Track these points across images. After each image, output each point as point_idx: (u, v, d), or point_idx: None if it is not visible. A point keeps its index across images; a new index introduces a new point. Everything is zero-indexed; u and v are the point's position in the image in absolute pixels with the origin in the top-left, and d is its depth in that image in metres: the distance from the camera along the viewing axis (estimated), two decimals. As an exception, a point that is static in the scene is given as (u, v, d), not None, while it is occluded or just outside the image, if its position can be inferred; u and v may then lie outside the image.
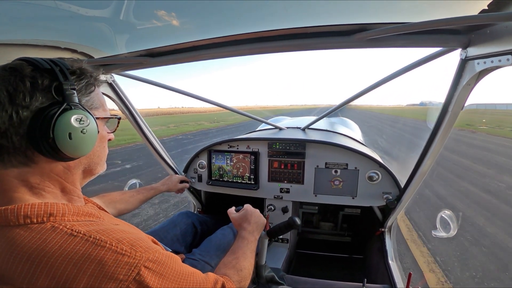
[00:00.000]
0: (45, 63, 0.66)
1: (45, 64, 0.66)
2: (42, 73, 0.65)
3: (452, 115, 1.23)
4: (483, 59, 0.97)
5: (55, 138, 0.64)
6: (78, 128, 0.67)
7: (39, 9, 0.97)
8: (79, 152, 0.69)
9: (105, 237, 0.63)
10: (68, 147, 0.66)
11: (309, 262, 2.57)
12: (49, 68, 0.66)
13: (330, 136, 2.47)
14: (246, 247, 1.15)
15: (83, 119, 0.68)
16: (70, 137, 0.66)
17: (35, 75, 0.63)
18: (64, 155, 0.67)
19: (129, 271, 0.60)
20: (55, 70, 0.66)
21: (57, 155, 0.66)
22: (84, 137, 0.69)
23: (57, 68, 0.66)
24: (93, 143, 0.73)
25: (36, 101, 0.63)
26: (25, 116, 0.62)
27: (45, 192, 0.70)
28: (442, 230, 1.57)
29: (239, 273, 0.99)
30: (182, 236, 1.78)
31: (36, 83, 0.63)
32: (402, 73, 1.45)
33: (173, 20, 1.14)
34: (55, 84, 0.65)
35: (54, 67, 0.66)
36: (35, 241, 0.60)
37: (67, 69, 0.69)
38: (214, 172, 2.34)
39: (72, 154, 0.68)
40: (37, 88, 0.63)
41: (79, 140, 0.68)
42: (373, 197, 1.99)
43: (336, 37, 1.15)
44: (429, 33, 1.05)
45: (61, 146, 0.65)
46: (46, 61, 0.67)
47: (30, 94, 0.62)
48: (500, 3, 0.79)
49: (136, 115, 1.94)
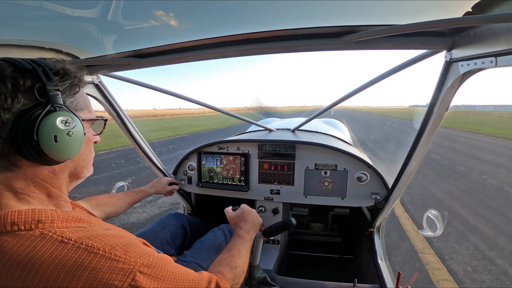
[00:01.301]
0: (26, 63, 0.64)
1: (27, 65, 0.63)
2: (24, 73, 0.62)
3: (437, 116, 1.26)
4: (467, 61, 0.99)
5: (39, 141, 0.62)
6: (64, 130, 0.65)
7: (23, 9, 0.94)
8: (65, 155, 0.67)
9: (98, 243, 0.62)
10: (54, 150, 0.64)
11: (300, 263, 2.58)
12: (31, 69, 0.63)
13: (320, 138, 2.49)
14: (241, 246, 1.15)
15: (68, 121, 0.66)
16: (56, 139, 0.64)
17: (16, 76, 0.61)
18: (49, 158, 0.65)
19: (124, 277, 0.60)
20: (37, 71, 0.64)
21: (42, 158, 0.64)
22: (71, 140, 0.67)
23: (39, 69, 0.64)
24: (79, 146, 0.71)
25: (18, 102, 0.60)
26: (7, 119, 0.60)
27: (31, 197, 0.68)
28: (429, 229, 1.61)
29: (233, 271, 0.99)
30: (172, 238, 1.76)
31: (17, 84, 0.61)
32: (390, 74, 1.47)
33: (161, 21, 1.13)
34: (38, 85, 0.63)
35: (36, 67, 0.64)
36: (24, 248, 0.58)
37: (50, 69, 0.67)
38: (204, 174, 2.33)
39: (57, 157, 0.66)
40: (19, 89, 0.61)
41: (65, 142, 0.66)
42: (362, 198, 2.01)
43: (324, 39, 1.15)
44: (415, 36, 1.06)
45: (46, 149, 0.63)
46: (28, 62, 0.64)
47: (12, 96, 0.60)
48: (484, 5, 0.81)
49: (123, 117, 1.91)
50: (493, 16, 0.74)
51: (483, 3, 0.80)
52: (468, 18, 0.77)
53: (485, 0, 0.79)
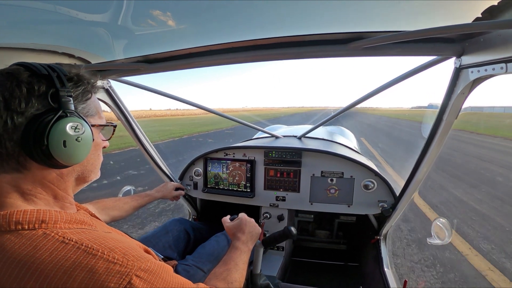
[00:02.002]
0: (42, 68, 0.65)
1: (43, 70, 0.65)
2: (39, 78, 0.64)
3: (447, 124, 1.24)
4: (477, 68, 0.98)
5: (49, 145, 0.63)
6: (73, 136, 0.67)
7: (38, 13, 0.97)
8: (73, 160, 0.69)
9: (97, 245, 0.62)
10: (62, 155, 0.66)
11: (304, 270, 2.54)
12: (46, 74, 0.65)
13: (326, 145, 2.48)
14: (238, 258, 1.12)
15: (78, 127, 0.68)
16: (65, 145, 0.65)
17: (31, 81, 0.63)
18: (57, 162, 0.66)
19: (120, 279, 0.59)
20: (52, 76, 0.65)
21: (51, 162, 0.66)
22: (79, 145, 0.68)
23: (54, 74, 0.66)
24: (87, 151, 0.73)
25: (31, 107, 0.62)
26: (20, 122, 0.61)
27: (37, 198, 0.69)
28: (437, 237, 1.57)
29: (229, 286, 0.97)
30: (175, 243, 1.76)
31: (32, 89, 0.62)
32: (398, 81, 1.46)
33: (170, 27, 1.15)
34: (52, 90, 0.65)
35: (51, 73, 0.66)
36: (26, 247, 0.59)
37: (64, 75, 0.69)
38: (210, 180, 2.33)
39: (66, 162, 0.67)
40: (33, 94, 0.63)
41: (73, 148, 0.67)
42: (368, 205, 1.99)
43: (332, 46, 1.16)
44: (423, 42, 1.06)
45: (55, 154, 0.64)
46: (44, 67, 0.66)
47: (26, 100, 0.62)
48: (494, 11, 0.80)
49: (132, 122, 1.94)
50: (503, 21, 0.73)
51: (493, 8, 0.79)
52: (478, 24, 0.76)
53: (495, 6, 0.78)
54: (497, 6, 0.78)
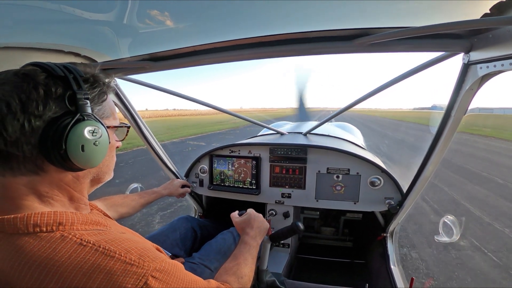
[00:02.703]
0: (58, 69, 0.64)
1: (59, 71, 0.64)
2: (56, 80, 0.63)
3: (455, 120, 1.23)
4: (486, 64, 0.96)
5: (67, 149, 0.63)
6: (91, 140, 0.66)
7: (43, 13, 0.97)
8: (91, 163, 0.69)
9: (114, 247, 0.63)
10: (80, 159, 0.66)
11: (310, 267, 2.55)
12: (62, 76, 0.64)
13: (332, 141, 2.47)
14: (247, 253, 1.14)
15: (96, 131, 0.68)
16: (83, 149, 0.65)
17: (48, 83, 0.62)
18: (75, 166, 0.66)
19: (137, 280, 0.60)
20: (68, 78, 0.64)
21: (68, 166, 0.66)
22: (96, 149, 0.68)
23: (70, 76, 0.65)
24: (104, 154, 0.73)
25: (49, 110, 0.61)
26: (37, 126, 0.60)
27: (54, 200, 0.70)
28: (445, 235, 1.56)
29: (239, 280, 0.98)
30: (182, 241, 1.78)
31: (49, 92, 0.61)
32: (405, 77, 1.44)
33: (175, 25, 1.15)
34: (69, 93, 0.64)
35: (67, 74, 0.65)
36: (45, 250, 0.59)
37: (80, 76, 0.68)
38: (215, 177, 2.34)
39: (83, 165, 0.68)
40: (51, 97, 0.62)
41: (91, 152, 0.67)
42: (375, 202, 1.97)
43: (337, 42, 1.15)
44: (431, 38, 1.04)
45: (73, 158, 0.64)
46: (60, 68, 0.65)
47: (43, 103, 0.60)
48: (502, 7, 0.79)
49: (138, 120, 1.95)
50: None
51: (501, 4, 0.78)
52: (487, 20, 0.75)
53: (504, 2, 0.77)
54: (506, 2, 0.76)
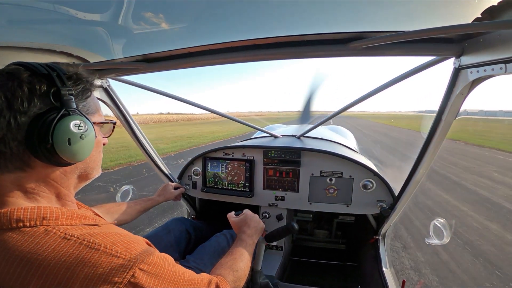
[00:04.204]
0: (42, 68, 0.66)
1: (42, 69, 0.66)
2: (40, 78, 0.65)
3: (446, 124, 1.25)
4: (476, 68, 0.98)
5: (54, 143, 0.64)
6: (77, 133, 0.68)
7: (36, 12, 0.96)
8: (78, 157, 0.70)
9: (99, 239, 0.63)
10: (67, 153, 0.67)
11: (303, 270, 2.55)
12: (46, 74, 0.66)
13: (325, 145, 2.48)
14: (244, 250, 1.16)
15: (81, 125, 0.69)
16: (69, 142, 0.66)
17: (32, 81, 0.63)
18: (62, 160, 0.67)
19: (123, 273, 0.60)
20: (52, 75, 0.66)
21: (55, 160, 0.67)
22: (83, 143, 0.70)
23: (54, 73, 0.67)
24: (91, 148, 0.74)
25: (34, 106, 0.63)
26: (23, 122, 0.62)
27: (40, 197, 0.70)
28: (435, 237, 1.58)
29: (234, 273, 0.99)
30: (176, 243, 1.76)
31: (34, 89, 0.63)
32: (397, 81, 1.46)
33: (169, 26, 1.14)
34: (53, 89, 0.66)
35: (51, 72, 0.66)
36: (28, 244, 0.59)
37: (63, 74, 0.69)
38: (209, 179, 2.33)
39: (70, 159, 0.68)
40: (35, 93, 0.63)
41: (78, 145, 0.68)
42: (367, 205, 1.99)
43: (331, 45, 1.15)
44: (423, 42, 1.06)
45: (60, 152, 0.65)
46: (43, 66, 0.67)
47: (28, 100, 0.62)
48: (494, 11, 0.80)
49: (130, 121, 1.93)
50: (503, 22, 0.73)
51: (493, 9, 0.79)
52: (478, 24, 0.76)
53: (495, 6, 0.78)
54: (497, 6, 0.78)
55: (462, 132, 22.44)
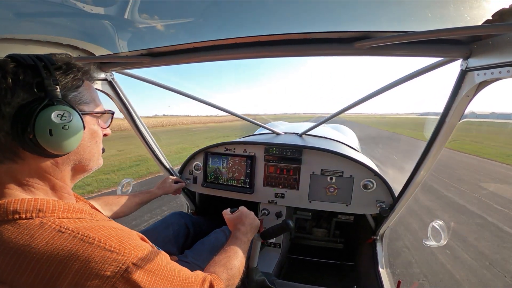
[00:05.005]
0: (29, 59, 0.66)
1: (29, 60, 0.65)
2: (25, 69, 0.64)
3: (449, 126, 1.24)
4: (484, 71, 0.97)
5: (36, 134, 0.64)
6: (59, 124, 0.66)
7: (44, 5, 0.96)
8: (63, 148, 0.69)
9: (93, 233, 0.63)
10: (50, 144, 0.66)
11: (300, 268, 2.56)
12: (32, 64, 0.65)
13: (327, 143, 2.48)
14: (238, 247, 1.15)
15: (65, 115, 0.68)
16: (51, 133, 0.65)
17: (17, 71, 0.63)
18: (47, 151, 0.67)
19: (116, 268, 0.60)
20: (38, 66, 0.65)
21: (41, 151, 0.66)
22: (66, 133, 0.68)
23: (41, 64, 0.66)
24: (77, 139, 0.72)
25: (17, 97, 0.63)
26: (8, 113, 0.62)
27: (35, 189, 0.69)
28: (433, 239, 1.58)
29: (228, 271, 0.99)
30: (175, 237, 1.77)
31: (17, 80, 0.63)
32: (402, 82, 1.45)
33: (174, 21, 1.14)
34: (37, 80, 0.65)
35: (37, 62, 0.66)
36: (22, 237, 0.59)
37: (52, 64, 0.68)
38: (209, 174, 2.34)
39: (55, 150, 0.68)
40: (18, 84, 0.63)
41: (61, 136, 0.67)
42: (367, 205, 1.99)
43: (336, 44, 1.15)
44: (430, 43, 1.05)
45: (43, 143, 0.65)
46: (31, 57, 0.66)
47: (12, 91, 0.62)
48: (505, 14, 0.79)
49: (134, 115, 1.93)
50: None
51: (504, 11, 0.78)
52: (489, 26, 0.75)
53: (506, 9, 0.77)
54: (509, 9, 0.77)
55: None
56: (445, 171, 9.37)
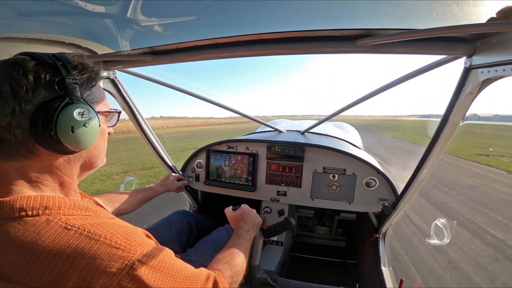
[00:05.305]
0: (47, 57, 0.67)
1: (48, 59, 0.66)
2: (45, 67, 0.65)
3: (453, 124, 1.24)
4: (487, 68, 0.97)
5: (57, 131, 0.65)
6: (81, 121, 0.68)
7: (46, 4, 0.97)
8: (81, 145, 0.70)
9: (99, 230, 0.63)
10: (71, 140, 0.67)
11: (302, 266, 2.56)
12: (51, 63, 0.66)
13: (330, 141, 2.47)
14: (241, 245, 1.16)
15: (85, 113, 0.70)
16: (73, 130, 0.67)
17: (38, 70, 0.64)
18: (66, 148, 0.68)
19: (122, 265, 0.60)
20: (57, 65, 0.66)
21: (59, 148, 0.67)
22: (86, 131, 0.70)
23: (59, 63, 0.67)
24: (94, 137, 0.74)
25: (39, 95, 0.63)
26: (28, 110, 0.62)
27: (44, 185, 0.70)
28: (436, 237, 1.58)
29: (232, 269, 1.00)
30: (178, 236, 1.77)
31: (39, 78, 0.63)
32: (405, 80, 1.44)
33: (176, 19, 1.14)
34: (58, 78, 0.66)
35: (56, 61, 0.67)
36: (29, 234, 0.60)
37: (69, 63, 0.70)
38: (212, 172, 2.34)
39: (74, 147, 0.69)
40: (40, 82, 0.64)
41: (81, 133, 0.69)
42: (369, 203, 1.99)
43: (340, 42, 1.14)
44: (434, 40, 1.04)
45: (64, 139, 0.66)
46: (49, 56, 0.67)
47: (33, 89, 0.63)
48: (509, 11, 0.79)
49: (136, 113, 1.94)
50: None
51: (508, 9, 0.78)
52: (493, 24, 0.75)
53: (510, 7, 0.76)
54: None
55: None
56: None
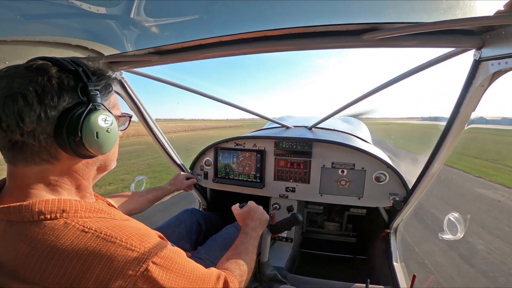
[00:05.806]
0: (68, 64, 0.68)
1: (69, 65, 0.68)
2: (67, 74, 0.67)
3: (464, 116, 1.21)
4: (498, 60, 0.95)
5: (83, 137, 0.66)
6: (104, 127, 0.70)
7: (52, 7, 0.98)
8: (103, 150, 0.72)
9: (115, 232, 0.65)
10: (94, 145, 0.69)
11: (312, 262, 2.56)
12: (72, 69, 0.68)
13: (337, 136, 2.45)
14: (248, 243, 1.17)
15: (107, 119, 0.72)
16: (97, 136, 0.69)
17: (61, 76, 0.65)
18: (89, 152, 0.70)
19: (137, 266, 0.62)
20: (78, 71, 0.68)
21: (81, 153, 0.69)
22: (109, 136, 0.72)
23: (79, 69, 0.68)
24: (115, 141, 0.77)
25: (63, 101, 0.65)
26: (53, 116, 0.64)
27: (62, 189, 0.72)
28: (449, 232, 1.55)
29: (240, 268, 1.02)
30: (187, 234, 1.79)
31: (62, 84, 0.65)
32: (414, 73, 1.42)
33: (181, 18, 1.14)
34: (80, 84, 0.68)
35: (77, 68, 0.68)
36: (48, 237, 0.61)
37: (88, 69, 0.71)
38: (220, 170, 2.35)
39: (97, 151, 0.71)
40: (64, 88, 0.65)
41: (105, 138, 0.71)
42: (379, 198, 1.96)
43: (344, 37, 1.13)
44: (442, 33, 1.02)
45: (88, 145, 0.68)
46: (69, 62, 0.69)
47: (58, 95, 0.64)
48: None
49: (144, 113, 1.96)
50: None
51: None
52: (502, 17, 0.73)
53: None
54: None
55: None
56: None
